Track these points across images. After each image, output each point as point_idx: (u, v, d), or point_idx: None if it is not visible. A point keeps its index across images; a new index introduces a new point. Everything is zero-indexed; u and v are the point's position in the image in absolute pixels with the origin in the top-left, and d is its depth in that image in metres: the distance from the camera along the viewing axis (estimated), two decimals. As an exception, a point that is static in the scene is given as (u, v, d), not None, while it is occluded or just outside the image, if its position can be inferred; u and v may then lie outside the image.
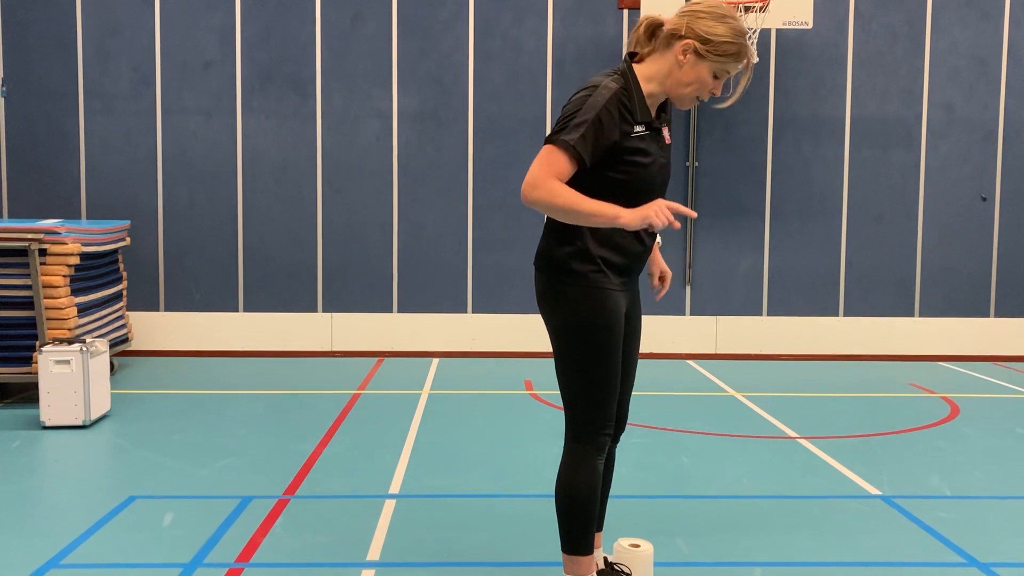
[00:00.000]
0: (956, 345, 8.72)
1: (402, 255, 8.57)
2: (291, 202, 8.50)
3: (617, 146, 2.78)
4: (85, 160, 8.38)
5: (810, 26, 8.09)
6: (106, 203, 8.38)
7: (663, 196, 2.91)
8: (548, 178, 2.73)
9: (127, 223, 7.95)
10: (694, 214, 2.86)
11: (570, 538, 2.99)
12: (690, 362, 8.44)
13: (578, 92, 2.83)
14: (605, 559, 3.32)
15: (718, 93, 2.90)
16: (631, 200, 2.78)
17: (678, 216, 3.37)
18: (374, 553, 3.66)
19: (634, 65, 2.88)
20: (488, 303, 8.59)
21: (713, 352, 8.66)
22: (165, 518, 4.03)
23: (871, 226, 8.69)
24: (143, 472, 4.76)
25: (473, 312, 8.59)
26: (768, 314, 8.72)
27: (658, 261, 3.26)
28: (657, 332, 8.58)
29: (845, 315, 8.74)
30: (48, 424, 5.60)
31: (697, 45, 2.77)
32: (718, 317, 8.69)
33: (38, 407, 5.73)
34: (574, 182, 2.77)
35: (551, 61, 8.51)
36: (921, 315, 8.75)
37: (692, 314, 8.69)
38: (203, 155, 8.44)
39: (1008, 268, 8.73)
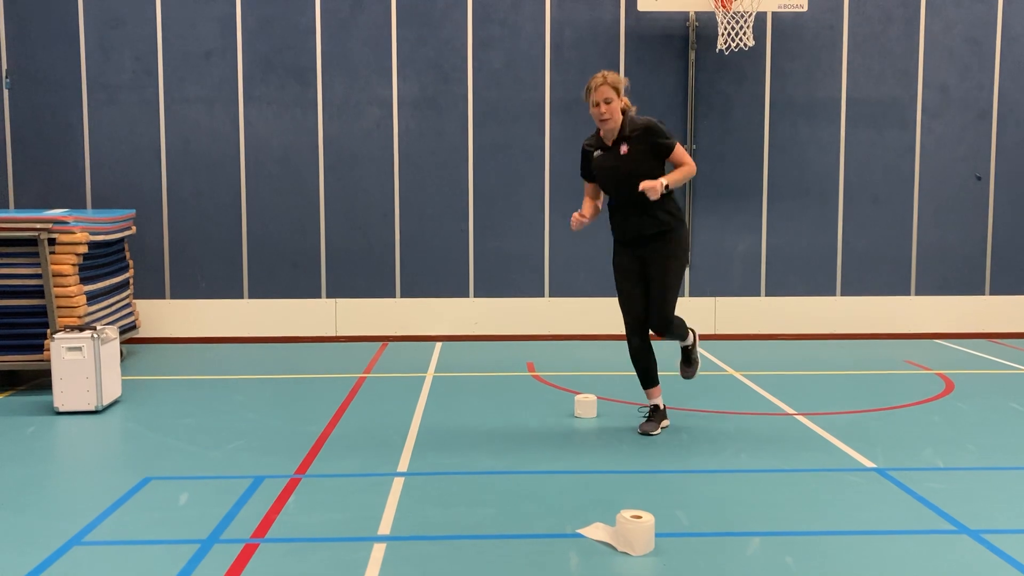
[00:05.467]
0: (951, 323, 8.84)
1: (404, 241, 8.68)
2: (293, 189, 8.60)
3: (588, 164, 5.21)
4: (89, 150, 8.48)
5: (805, 9, 8.18)
6: (111, 192, 8.48)
7: (626, 186, 4.96)
8: (584, 194, 5.31)
9: (132, 212, 8.06)
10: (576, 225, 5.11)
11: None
12: (689, 343, 8.55)
13: None
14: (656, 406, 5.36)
15: (598, 112, 4.94)
16: (606, 190, 5.17)
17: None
18: (385, 528, 3.78)
19: None
20: (490, 288, 8.70)
21: (712, 332, 8.78)
22: (181, 497, 4.16)
23: (867, 206, 8.79)
24: (157, 455, 4.88)
25: (475, 296, 8.70)
26: (766, 294, 8.83)
27: None
28: (657, 314, 8.68)
29: (842, 295, 8.85)
30: (61, 410, 5.72)
31: None
32: (717, 298, 8.80)
33: (51, 393, 5.85)
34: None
35: (549, 46, 8.59)
36: (917, 294, 8.86)
37: (691, 295, 8.80)
38: (206, 144, 8.53)
39: (1002, 246, 8.84)
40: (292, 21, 8.49)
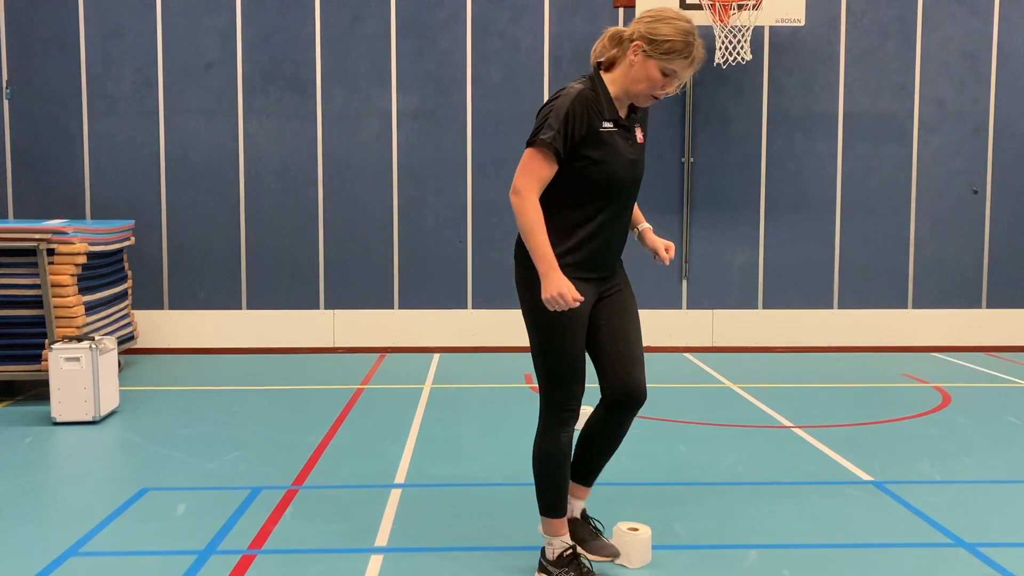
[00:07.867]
0: (949, 336, 8.85)
1: (402, 252, 8.69)
2: (292, 201, 8.62)
3: (585, 140, 3.08)
4: (89, 161, 8.50)
5: (803, 23, 8.21)
6: (110, 203, 8.49)
7: (634, 196, 3.27)
8: (530, 190, 3.16)
9: (131, 223, 8.07)
10: (575, 304, 3.08)
11: (542, 502, 3.34)
12: (687, 355, 8.57)
13: (551, 99, 3.15)
14: (583, 512, 3.55)
15: (670, 90, 3.15)
16: (600, 192, 3.13)
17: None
18: (382, 539, 3.78)
19: (602, 72, 3.21)
20: (488, 299, 8.71)
21: (709, 345, 8.79)
22: (178, 508, 4.16)
23: (864, 219, 8.82)
24: (154, 465, 4.88)
25: (473, 308, 8.71)
26: (763, 307, 8.84)
27: (652, 241, 3.48)
28: (654, 326, 8.70)
29: (839, 308, 8.86)
30: (59, 420, 5.72)
31: (644, 45, 3.07)
32: (714, 311, 8.82)
33: (48, 404, 5.85)
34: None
35: (548, 59, 8.63)
36: (914, 307, 8.88)
37: (688, 308, 8.82)
38: (205, 155, 8.55)
39: (999, 260, 8.87)
40: (292, 33, 8.53)
